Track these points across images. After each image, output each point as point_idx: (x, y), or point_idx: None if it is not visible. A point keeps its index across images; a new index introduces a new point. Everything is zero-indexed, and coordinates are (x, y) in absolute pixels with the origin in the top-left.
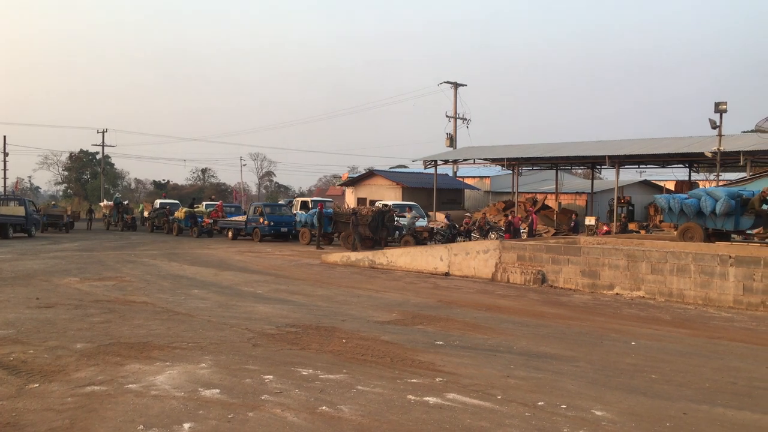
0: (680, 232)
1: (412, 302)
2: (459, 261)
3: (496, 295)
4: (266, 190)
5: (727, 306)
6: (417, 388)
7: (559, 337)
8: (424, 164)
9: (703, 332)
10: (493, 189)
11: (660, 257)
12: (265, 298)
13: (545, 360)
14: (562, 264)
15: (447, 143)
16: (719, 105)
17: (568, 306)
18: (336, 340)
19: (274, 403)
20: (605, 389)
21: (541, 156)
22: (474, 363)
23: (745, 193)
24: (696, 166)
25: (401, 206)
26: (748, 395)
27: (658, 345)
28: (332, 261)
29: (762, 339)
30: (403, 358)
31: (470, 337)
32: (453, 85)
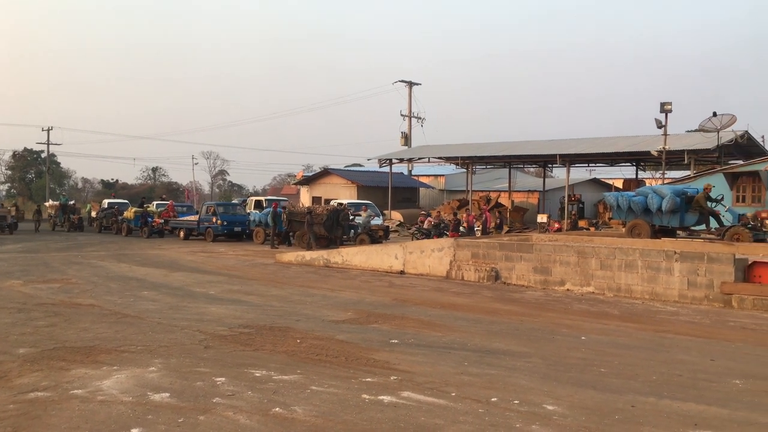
0: (628, 228)
1: (367, 301)
2: (414, 259)
3: (450, 293)
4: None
5: (673, 300)
6: (372, 387)
7: (512, 333)
8: (379, 163)
9: (650, 326)
10: (447, 187)
11: (609, 253)
12: (218, 299)
13: (498, 356)
14: (515, 261)
15: (402, 142)
16: (664, 105)
17: (520, 302)
18: (290, 340)
19: (226, 406)
20: (556, 384)
21: (495, 155)
22: (429, 361)
23: (690, 191)
24: (643, 164)
25: (356, 205)
26: (693, 387)
27: (607, 339)
28: (287, 260)
29: (705, 332)
30: (358, 357)
31: (425, 335)
32: (407, 84)
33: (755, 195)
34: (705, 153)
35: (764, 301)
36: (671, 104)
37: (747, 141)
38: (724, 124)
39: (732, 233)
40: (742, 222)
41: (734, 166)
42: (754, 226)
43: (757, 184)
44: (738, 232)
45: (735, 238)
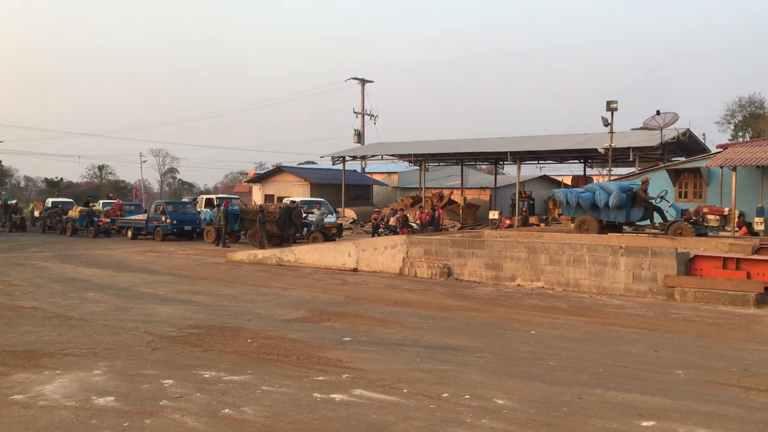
0: (577, 224)
1: (319, 299)
2: (367, 257)
3: (403, 290)
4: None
5: (619, 294)
6: (323, 386)
7: (463, 328)
8: (332, 160)
9: (597, 319)
10: (401, 185)
11: (558, 249)
12: (167, 299)
13: (450, 352)
14: (467, 257)
15: (355, 139)
16: (610, 104)
17: (472, 298)
18: (241, 340)
19: (173, 409)
20: (507, 378)
21: (447, 152)
22: (381, 358)
23: (635, 187)
24: (591, 161)
25: (309, 203)
26: (638, 378)
27: (556, 333)
28: (238, 259)
29: (650, 324)
30: (310, 355)
31: (378, 332)
32: (360, 82)
33: (696, 191)
34: (649, 150)
35: (705, 294)
36: (617, 103)
37: (689, 138)
38: (667, 122)
39: (675, 228)
40: (684, 217)
41: (677, 163)
42: (696, 221)
43: (699, 180)
44: (681, 227)
45: (678, 232)
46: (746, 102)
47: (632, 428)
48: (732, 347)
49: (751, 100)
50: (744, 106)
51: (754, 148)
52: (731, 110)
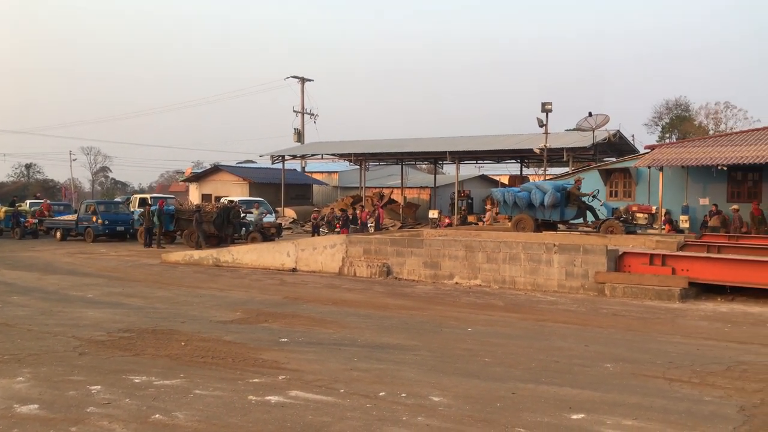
0: (514, 223)
1: (257, 300)
2: (306, 256)
3: (342, 289)
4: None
5: (553, 290)
6: (259, 388)
7: (401, 327)
8: (271, 159)
9: (531, 316)
10: (341, 184)
11: (494, 247)
12: (97, 303)
13: (388, 351)
14: (406, 256)
15: (295, 138)
16: (545, 105)
17: (411, 297)
18: (174, 343)
19: (100, 415)
20: (443, 375)
21: (388, 151)
22: (318, 358)
23: (569, 186)
24: (527, 161)
25: (248, 202)
26: (569, 372)
27: (492, 330)
28: (174, 260)
29: (581, 319)
30: (246, 357)
31: (315, 333)
32: (300, 80)
33: (626, 190)
34: (582, 151)
35: (633, 289)
36: (551, 104)
37: (619, 139)
38: (598, 124)
39: (607, 226)
40: (615, 215)
41: (608, 163)
42: (626, 219)
43: (628, 179)
44: (612, 225)
45: (609, 230)
46: (673, 105)
47: (562, 421)
48: (657, 340)
49: (677, 103)
50: (671, 109)
51: (679, 149)
52: (659, 113)
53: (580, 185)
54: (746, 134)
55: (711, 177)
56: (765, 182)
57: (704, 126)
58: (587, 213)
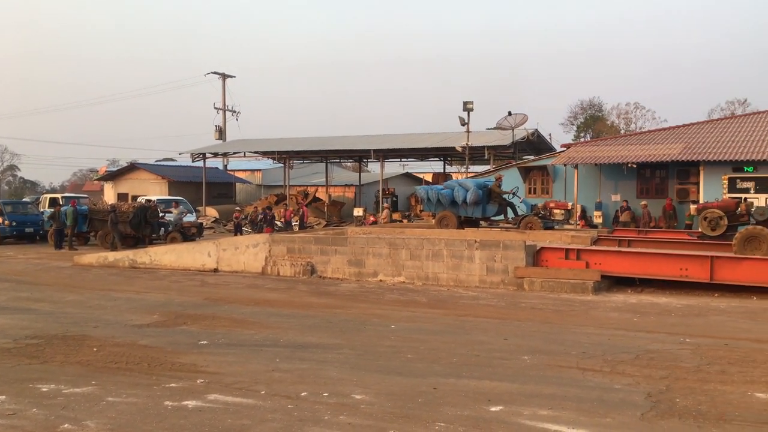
0: (437, 220)
1: (176, 302)
2: (228, 256)
3: (265, 289)
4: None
5: (474, 286)
6: (176, 393)
7: (325, 326)
8: (192, 157)
9: (453, 311)
10: (265, 182)
11: (417, 244)
12: (2, 308)
13: (311, 350)
14: (330, 255)
15: (216, 136)
16: (467, 104)
17: (335, 295)
18: (86, 349)
19: (5, 426)
20: (365, 373)
21: (312, 149)
22: (239, 360)
23: (490, 184)
24: (450, 159)
25: (167, 201)
26: (488, 365)
27: (415, 326)
28: (87, 262)
29: (501, 313)
30: (163, 362)
31: (237, 334)
32: (221, 76)
33: (544, 187)
34: (502, 149)
35: (550, 283)
36: (473, 103)
37: (537, 138)
38: (517, 123)
39: (526, 222)
40: (534, 212)
41: (526, 161)
42: (544, 215)
43: (546, 177)
44: (531, 221)
45: (529, 226)
46: (587, 105)
47: (482, 414)
48: (572, 332)
49: (591, 103)
50: (585, 109)
51: (593, 147)
52: (574, 113)
53: (501, 183)
54: (654, 134)
55: (622, 174)
56: (671, 179)
57: (616, 125)
58: (508, 210)
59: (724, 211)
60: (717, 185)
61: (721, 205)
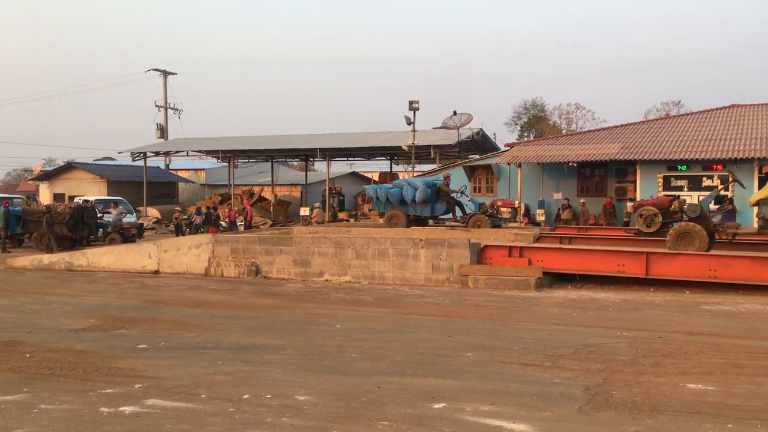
0: (386, 219)
1: (114, 305)
2: (170, 258)
3: (208, 291)
4: None
5: (420, 284)
6: (112, 399)
7: (269, 327)
8: (132, 156)
9: (399, 310)
10: (209, 182)
11: (364, 243)
12: None
13: (254, 352)
14: (275, 255)
15: (158, 134)
16: (413, 103)
17: (280, 295)
18: (18, 355)
19: None
20: (310, 373)
21: (257, 148)
22: (179, 364)
23: (439, 183)
24: (396, 158)
25: (105, 202)
26: (432, 363)
27: (361, 325)
28: (20, 265)
29: (446, 311)
30: (99, 367)
31: (177, 337)
32: (162, 73)
33: (489, 186)
34: (448, 148)
35: (494, 280)
36: (419, 102)
37: (482, 138)
38: (462, 122)
39: (474, 221)
40: (482, 210)
41: (472, 160)
42: (491, 213)
43: (490, 176)
44: (479, 219)
45: (477, 224)
46: (530, 105)
47: (425, 411)
48: (515, 328)
49: (534, 103)
50: (528, 109)
51: (535, 147)
52: (518, 112)
53: (449, 181)
54: (593, 133)
55: (563, 173)
56: (610, 178)
57: (558, 125)
58: (456, 208)
59: (658, 209)
60: (653, 183)
61: (656, 202)
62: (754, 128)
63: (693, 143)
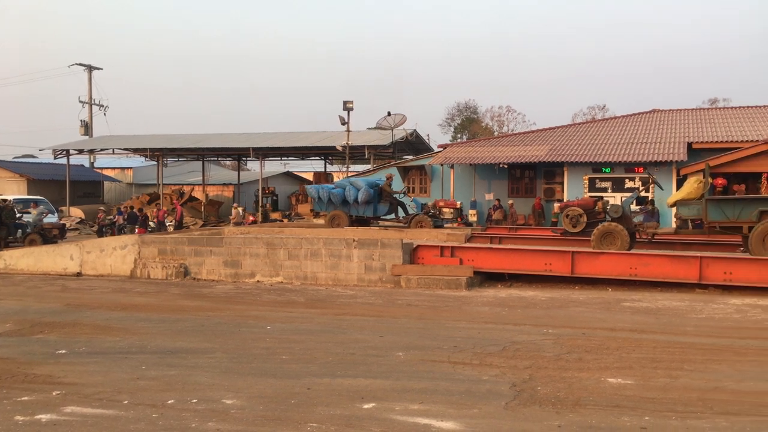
0: (329, 219)
1: (32, 309)
2: (93, 259)
3: (134, 293)
4: None
5: (353, 284)
6: (28, 406)
7: (197, 329)
8: (54, 154)
9: (331, 310)
10: (136, 181)
11: (296, 244)
12: None
13: (180, 355)
14: (205, 256)
15: (82, 131)
16: (347, 103)
17: (209, 297)
18: None
19: None
20: (238, 377)
21: (187, 147)
22: (101, 369)
23: (382, 183)
24: (331, 158)
25: (25, 201)
26: (363, 363)
27: (292, 327)
28: None
29: (378, 311)
30: (15, 373)
31: (100, 341)
32: (87, 68)
33: (423, 186)
34: (382, 149)
35: (426, 280)
36: (353, 103)
37: (416, 138)
38: (396, 123)
39: (417, 221)
40: (424, 211)
41: (406, 161)
42: (434, 214)
43: (424, 176)
44: (421, 219)
45: (419, 225)
46: (463, 107)
47: (354, 412)
48: (445, 327)
49: (467, 105)
50: (461, 111)
51: (468, 148)
52: (451, 114)
53: (392, 182)
54: (524, 136)
55: (494, 174)
56: (539, 179)
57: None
58: (399, 209)
59: (583, 209)
60: (579, 185)
61: (581, 203)
62: (672, 132)
63: (616, 146)
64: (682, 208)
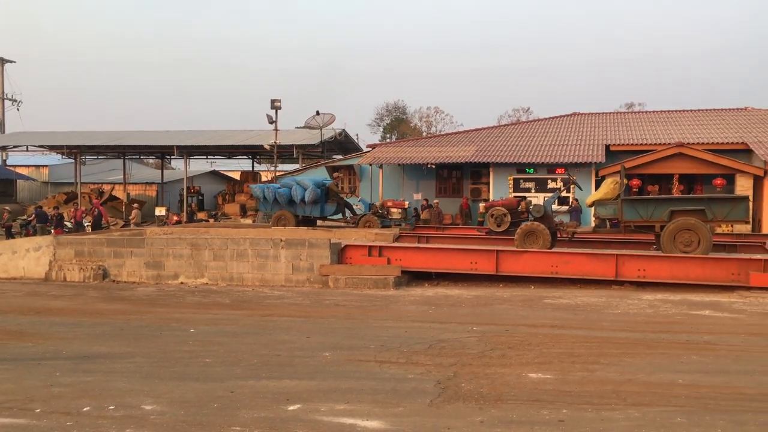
0: (274, 219)
1: None
2: (4, 261)
3: (49, 296)
4: None
5: (280, 285)
6: None
7: (116, 334)
8: None
9: (257, 311)
10: (52, 179)
11: (221, 244)
12: None
13: (98, 361)
14: (126, 257)
15: None
16: (275, 102)
17: (130, 300)
18: None
19: None
20: (158, 381)
21: (107, 144)
22: (12, 377)
23: (329, 183)
24: (259, 157)
25: None
26: (289, 364)
27: (216, 329)
28: None
29: (305, 312)
30: None
31: (11, 347)
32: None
33: (352, 186)
34: (311, 148)
35: (354, 279)
36: (281, 101)
37: (345, 138)
38: (325, 123)
39: (365, 221)
40: (372, 211)
41: (334, 161)
42: (382, 214)
43: (353, 176)
44: (369, 219)
45: (367, 225)
46: (392, 107)
47: (279, 414)
48: (373, 326)
49: (396, 106)
50: (390, 111)
51: (396, 148)
52: (380, 114)
53: (339, 182)
54: (451, 136)
55: (423, 174)
56: (466, 179)
57: (418, 128)
58: (346, 209)
59: (507, 209)
60: (504, 185)
61: (505, 203)
62: (591, 135)
63: (540, 148)
64: (600, 207)
